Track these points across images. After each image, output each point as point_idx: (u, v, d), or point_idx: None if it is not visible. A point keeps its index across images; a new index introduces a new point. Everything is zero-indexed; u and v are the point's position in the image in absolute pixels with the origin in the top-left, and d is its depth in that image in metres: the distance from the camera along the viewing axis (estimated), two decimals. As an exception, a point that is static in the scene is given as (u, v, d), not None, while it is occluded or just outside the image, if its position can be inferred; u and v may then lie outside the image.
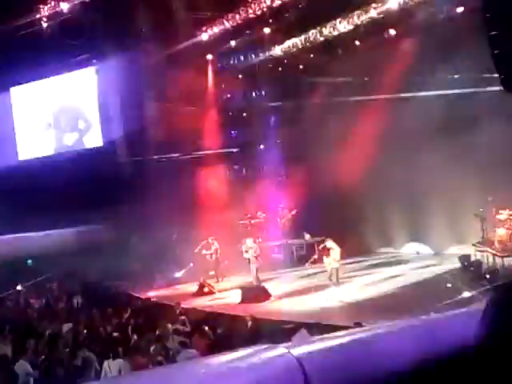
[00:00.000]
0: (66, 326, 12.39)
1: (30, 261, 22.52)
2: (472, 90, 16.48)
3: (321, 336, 1.23)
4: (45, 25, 20.97)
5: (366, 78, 20.11)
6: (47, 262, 20.62)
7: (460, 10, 16.42)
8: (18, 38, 20.57)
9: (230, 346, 1.25)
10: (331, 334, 1.25)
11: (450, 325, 1.38)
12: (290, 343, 1.16)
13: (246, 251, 16.64)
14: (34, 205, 21.76)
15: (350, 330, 1.26)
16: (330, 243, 14.86)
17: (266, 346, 1.13)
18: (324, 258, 14.83)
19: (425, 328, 1.36)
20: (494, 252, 13.80)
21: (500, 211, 15.07)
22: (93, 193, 21.21)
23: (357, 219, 20.28)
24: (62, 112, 25.28)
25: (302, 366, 1.06)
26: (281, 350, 1.12)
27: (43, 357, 9.95)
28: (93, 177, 21.39)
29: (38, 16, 20.75)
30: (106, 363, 8.74)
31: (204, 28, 20.44)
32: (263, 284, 16.22)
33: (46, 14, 20.66)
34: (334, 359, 1.14)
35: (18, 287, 19.57)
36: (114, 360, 8.77)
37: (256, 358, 1.08)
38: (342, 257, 14.88)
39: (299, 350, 1.12)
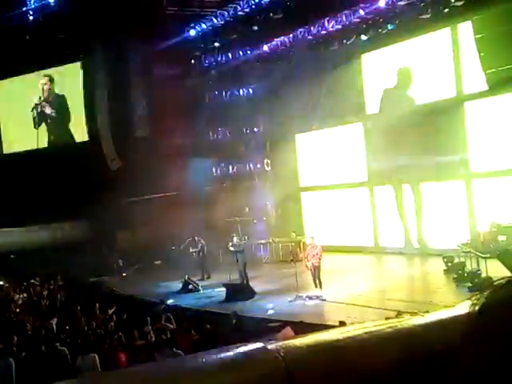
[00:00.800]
0: (50, 323, 12.31)
1: (12, 256, 22.31)
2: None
3: (305, 335, 1.23)
4: (31, 18, 20.79)
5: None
6: (31, 257, 20.46)
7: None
8: (3, 30, 20.39)
9: (215, 344, 1.24)
10: (315, 333, 1.25)
11: (434, 325, 1.39)
12: (274, 341, 1.15)
13: (233, 248, 16.65)
14: (18, 199, 21.60)
15: (334, 329, 1.25)
16: (311, 241, 14.87)
17: (250, 343, 1.13)
18: (306, 256, 14.86)
19: (408, 328, 1.36)
20: (477, 253, 13.90)
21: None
22: (78, 188, 21.09)
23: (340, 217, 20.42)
24: (47, 106, 25.07)
25: (286, 364, 1.06)
26: (265, 348, 1.11)
27: (24, 353, 9.87)
28: (78, 171, 21.27)
29: (24, 9, 20.56)
30: (79, 358, 8.70)
31: (192, 24, 20.39)
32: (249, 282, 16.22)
33: (33, 7, 20.48)
34: (319, 357, 1.14)
35: (1, 282, 19.40)
36: (88, 355, 8.72)
37: (240, 355, 1.07)
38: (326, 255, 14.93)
39: (284, 349, 1.11)
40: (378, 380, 1.15)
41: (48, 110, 24.90)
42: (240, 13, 18.88)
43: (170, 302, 14.85)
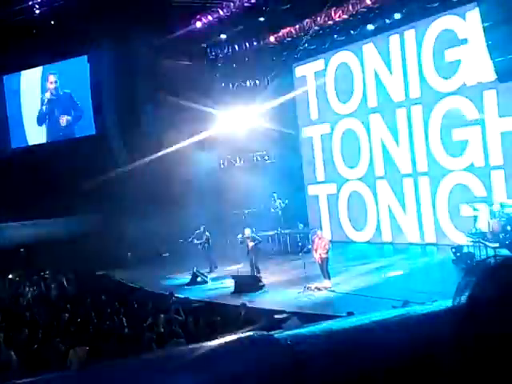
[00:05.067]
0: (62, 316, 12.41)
1: (22, 249, 22.47)
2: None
3: (311, 324, 1.23)
4: (37, 12, 20.80)
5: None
6: (40, 250, 20.59)
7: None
8: (10, 25, 20.41)
9: (224, 335, 1.25)
10: (321, 323, 1.25)
11: (440, 315, 1.38)
12: (281, 331, 1.16)
13: (242, 241, 16.69)
14: (27, 193, 21.72)
15: (340, 319, 1.25)
16: (319, 233, 14.85)
17: (255, 332, 1.13)
18: (315, 247, 14.85)
19: (414, 318, 1.36)
20: (486, 243, 13.85)
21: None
22: (85, 181, 21.17)
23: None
24: (54, 100, 25.13)
25: (292, 353, 1.06)
26: (271, 337, 1.11)
27: (35, 346, 9.95)
28: (85, 165, 21.34)
29: (30, 3, 20.57)
30: (71, 351, 8.78)
31: (198, 16, 20.33)
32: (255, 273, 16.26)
33: (39, 0, 20.47)
34: (325, 346, 1.14)
35: (10, 276, 19.55)
36: (79, 347, 8.80)
37: (246, 344, 1.07)
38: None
39: (290, 338, 1.12)
40: (384, 368, 1.15)
41: (50, 109, 25.00)
42: (246, 4, 18.80)
43: (178, 294, 14.91)
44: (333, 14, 18.27)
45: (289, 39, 20.29)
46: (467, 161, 17.16)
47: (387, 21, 18.21)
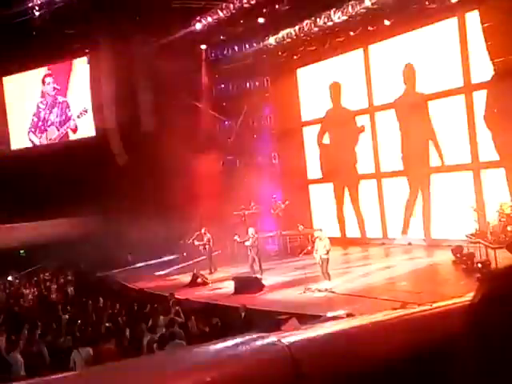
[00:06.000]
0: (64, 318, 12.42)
1: (22, 251, 22.47)
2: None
3: (311, 325, 1.24)
4: (37, 14, 20.82)
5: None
6: (40, 252, 20.59)
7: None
8: (10, 26, 20.43)
9: (224, 337, 1.25)
10: (321, 324, 1.25)
11: (438, 316, 1.38)
12: (280, 332, 1.16)
13: (246, 240, 16.70)
14: (27, 194, 21.73)
15: (340, 320, 1.26)
16: (319, 233, 14.85)
17: (256, 334, 1.14)
18: (315, 248, 14.83)
19: (413, 319, 1.36)
20: (486, 244, 13.83)
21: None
22: (85, 183, 21.19)
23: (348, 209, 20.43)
24: (54, 101, 25.14)
25: (292, 355, 1.07)
26: (271, 338, 1.12)
27: (36, 347, 9.96)
28: (85, 166, 21.35)
29: (30, 5, 20.59)
30: (74, 352, 8.79)
31: (198, 17, 20.33)
32: (257, 274, 16.24)
33: (39, 2, 20.49)
34: (324, 348, 1.15)
35: (9, 278, 19.56)
36: (83, 349, 8.82)
37: (246, 346, 1.08)
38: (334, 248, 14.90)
39: (289, 339, 1.12)
40: (383, 369, 1.15)
41: (49, 110, 25.02)
42: (246, 5, 18.77)
43: (179, 295, 14.89)
44: (332, 15, 18.25)
45: (288, 40, 20.25)
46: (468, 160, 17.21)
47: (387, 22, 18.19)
